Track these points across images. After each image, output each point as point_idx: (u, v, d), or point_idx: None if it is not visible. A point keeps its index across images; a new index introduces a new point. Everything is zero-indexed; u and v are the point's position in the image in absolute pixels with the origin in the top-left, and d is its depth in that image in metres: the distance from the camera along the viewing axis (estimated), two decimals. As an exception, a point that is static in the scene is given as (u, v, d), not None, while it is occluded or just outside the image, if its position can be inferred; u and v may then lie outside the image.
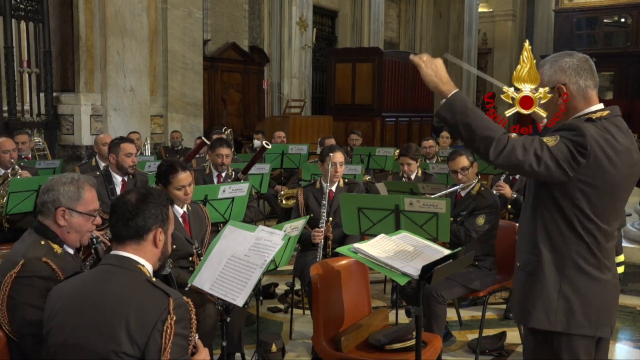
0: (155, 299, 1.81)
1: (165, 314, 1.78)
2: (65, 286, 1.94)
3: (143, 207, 1.93)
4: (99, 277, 1.89)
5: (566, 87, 2.10)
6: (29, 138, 6.43)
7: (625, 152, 2.03)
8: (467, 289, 3.78)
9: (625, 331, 4.35)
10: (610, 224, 2.07)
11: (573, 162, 1.97)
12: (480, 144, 1.98)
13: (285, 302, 4.87)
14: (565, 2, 21.55)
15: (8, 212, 4.41)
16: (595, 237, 2.05)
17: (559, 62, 2.12)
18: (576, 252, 2.05)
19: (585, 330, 2.07)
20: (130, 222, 1.92)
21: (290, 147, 7.24)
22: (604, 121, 2.05)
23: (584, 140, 1.95)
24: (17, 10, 7.43)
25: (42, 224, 2.37)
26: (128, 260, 1.91)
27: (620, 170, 2.02)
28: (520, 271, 2.18)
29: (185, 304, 1.85)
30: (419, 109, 14.78)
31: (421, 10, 18.72)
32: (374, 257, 2.56)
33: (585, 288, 2.06)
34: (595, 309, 2.07)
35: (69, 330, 1.82)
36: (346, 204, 3.83)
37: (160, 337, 1.76)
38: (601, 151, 1.98)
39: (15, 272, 2.20)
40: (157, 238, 1.96)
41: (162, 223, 1.97)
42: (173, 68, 9.13)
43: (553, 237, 2.07)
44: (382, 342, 3.01)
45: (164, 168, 3.55)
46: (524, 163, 1.97)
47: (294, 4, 12.70)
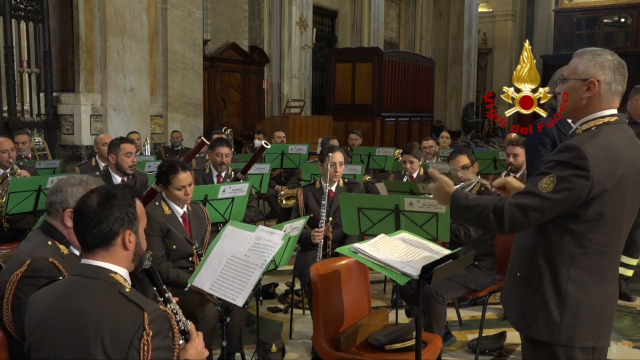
0: (129, 314, 1.72)
1: (141, 330, 1.69)
2: (40, 299, 1.86)
3: (106, 212, 1.81)
4: (72, 290, 1.81)
5: (599, 84, 2.02)
6: (29, 138, 6.43)
7: (630, 160, 1.98)
8: (467, 289, 3.78)
9: (625, 331, 4.35)
10: (619, 234, 2.03)
11: (579, 191, 1.92)
12: (488, 226, 2.05)
13: (285, 302, 4.87)
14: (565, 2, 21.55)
15: (8, 212, 4.41)
16: (601, 249, 2.00)
17: (602, 57, 2.03)
18: (579, 264, 2.00)
19: (588, 343, 2.04)
20: (94, 229, 1.80)
21: (290, 147, 7.25)
22: (613, 126, 2.01)
23: (585, 163, 1.90)
24: (17, 10, 7.44)
25: (49, 225, 2.38)
26: (98, 270, 1.81)
27: (627, 181, 1.97)
28: (519, 280, 2.12)
29: (162, 314, 1.77)
30: (419, 109, 14.78)
31: (421, 10, 18.72)
32: (373, 257, 2.56)
33: (590, 301, 2.01)
34: (598, 320, 2.04)
35: (48, 347, 1.78)
36: (346, 204, 3.83)
37: (138, 354, 1.69)
38: (605, 166, 1.92)
39: (22, 271, 2.21)
40: (126, 240, 1.84)
41: (129, 224, 1.84)
42: (173, 68, 9.13)
43: (556, 249, 2.02)
44: (382, 342, 3.01)
45: (165, 168, 3.55)
46: (531, 225, 2.00)
47: (294, 4, 12.70)
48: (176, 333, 1.82)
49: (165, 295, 1.94)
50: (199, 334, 1.94)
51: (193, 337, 1.90)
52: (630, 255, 4.71)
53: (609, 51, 2.07)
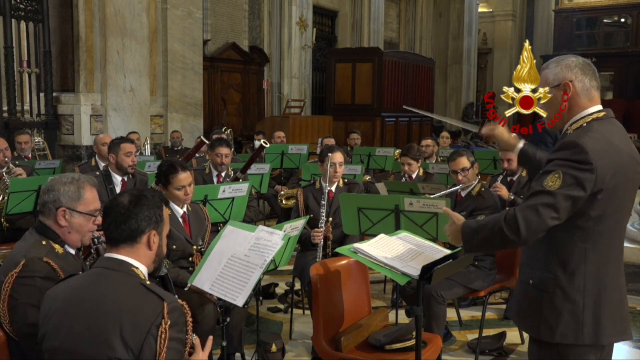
0: (149, 303, 1.78)
1: (160, 318, 1.75)
2: (59, 289, 1.91)
3: (136, 209, 1.90)
4: (92, 281, 1.86)
5: (572, 84, 2.07)
6: (30, 138, 6.43)
7: (625, 151, 2.02)
8: (467, 289, 3.78)
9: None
10: (622, 225, 2.06)
11: (586, 184, 1.92)
12: (504, 239, 1.98)
13: (285, 302, 4.87)
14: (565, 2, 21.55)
15: (8, 212, 4.41)
16: (610, 241, 2.03)
17: (566, 61, 2.11)
18: (592, 260, 2.00)
19: (613, 339, 2.04)
20: (123, 225, 1.89)
21: (290, 147, 7.24)
22: (603, 121, 2.05)
23: (587, 157, 1.92)
24: (17, 10, 7.43)
25: (43, 224, 2.37)
26: (122, 263, 1.88)
27: (626, 170, 2.00)
28: (531, 288, 2.09)
29: (180, 307, 1.82)
30: (419, 108, 14.76)
31: (421, 10, 18.72)
32: (374, 257, 2.56)
33: (608, 295, 2.01)
34: (620, 314, 2.04)
35: (63, 334, 1.80)
36: (346, 204, 3.83)
37: (155, 342, 1.73)
38: (607, 157, 1.95)
39: (17, 272, 2.21)
40: (151, 240, 1.93)
41: (155, 225, 1.95)
42: (173, 68, 9.13)
43: (567, 249, 2.01)
44: (382, 342, 3.01)
45: (164, 168, 3.55)
46: (547, 224, 1.94)
47: (294, 4, 12.70)
48: (189, 329, 1.85)
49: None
50: (205, 350, 1.96)
51: (197, 350, 1.93)
52: None
53: (572, 54, 2.16)
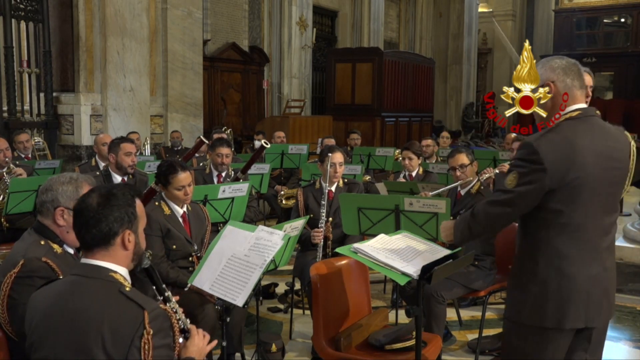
0: (129, 313, 1.73)
1: (142, 329, 1.70)
2: (40, 298, 1.86)
3: (105, 211, 1.80)
4: (72, 291, 1.81)
5: (554, 84, 2.19)
6: (29, 136, 6.43)
7: (592, 149, 2.11)
8: (467, 289, 3.78)
9: (625, 331, 4.35)
10: (593, 218, 2.14)
11: (538, 181, 2.09)
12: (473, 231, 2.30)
13: (285, 302, 4.87)
14: (565, 2, 21.56)
15: (8, 212, 4.41)
16: (577, 234, 2.13)
17: (550, 62, 2.24)
18: (557, 251, 2.14)
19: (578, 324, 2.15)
20: (94, 229, 1.80)
21: (290, 147, 7.24)
22: (575, 120, 2.15)
23: (537, 157, 2.08)
24: (17, 10, 7.43)
25: (41, 224, 2.37)
26: (99, 270, 1.81)
27: (589, 167, 2.10)
28: (510, 274, 2.33)
29: (162, 313, 1.77)
30: (418, 109, 14.78)
31: (421, 10, 18.72)
32: (373, 257, 2.56)
33: (571, 284, 2.13)
34: (585, 304, 2.14)
35: (48, 346, 1.78)
36: (346, 204, 3.83)
37: (139, 353, 1.69)
38: (560, 156, 2.08)
39: (15, 272, 2.20)
40: (125, 240, 1.84)
41: (129, 224, 1.84)
42: (173, 68, 9.13)
43: (535, 239, 2.19)
44: (382, 342, 3.01)
45: (164, 168, 3.55)
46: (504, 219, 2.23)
47: (294, 4, 12.70)
48: (176, 331, 1.82)
49: (165, 294, 1.94)
50: (199, 331, 1.93)
51: (193, 334, 1.90)
52: None
53: (559, 56, 2.29)
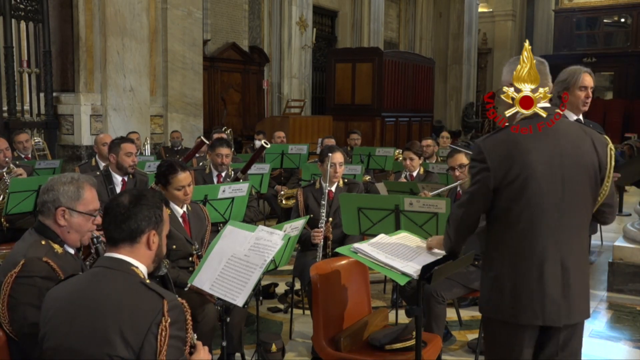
0: (149, 301, 1.79)
1: (160, 316, 1.75)
2: (60, 289, 1.92)
3: (136, 209, 1.91)
4: (92, 280, 1.87)
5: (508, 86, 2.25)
6: (28, 136, 6.43)
7: (539, 148, 2.14)
8: (467, 289, 3.78)
9: (625, 331, 4.35)
10: (543, 217, 2.15)
11: (485, 181, 2.17)
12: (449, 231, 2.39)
13: (285, 302, 4.87)
14: (565, 2, 21.56)
15: (8, 212, 4.41)
16: (525, 233, 2.16)
17: (511, 66, 2.29)
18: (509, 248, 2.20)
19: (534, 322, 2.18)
20: (123, 224, 1.90)
21: (290, 147, 7.24)
22: (526, 120, 2.17)
23: (482, 156, 2.18)
24: (17, 10, 7.43)
25: (42, 224, 2.37)
26: (122, 262, 1.89)
27: (534, 164, 2.12)
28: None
29: (180, 305, 1.83)
30: (418, 109, 14.78)
31: (421, 10, 18.72)
32: (373, 257, 2.56)
33: (526, 282, 2.17)
34: (541, 302, 2.16)
35: (63, 334, 1.81)
36: (346, 204, 3.83)
37: (155, 340, 1.73)
38: (502, 156, 2.15)
39: (16, 272, 2.21)
40: (150, 240, 1.94)
41: (155, 225, 1.95)
42: (173, 68, 9.12)
43: (491, 237, 2.27)
44: (382, 342, 3.01)
45: (164, 168, 3.55)
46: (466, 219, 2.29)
47: (294, 4, 12.70)
48: (189, 327, 1.86)
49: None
50: (205, 348, 1.96)
51: (199, 349, 1.93)
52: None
53: (517, 56, 2.30)
